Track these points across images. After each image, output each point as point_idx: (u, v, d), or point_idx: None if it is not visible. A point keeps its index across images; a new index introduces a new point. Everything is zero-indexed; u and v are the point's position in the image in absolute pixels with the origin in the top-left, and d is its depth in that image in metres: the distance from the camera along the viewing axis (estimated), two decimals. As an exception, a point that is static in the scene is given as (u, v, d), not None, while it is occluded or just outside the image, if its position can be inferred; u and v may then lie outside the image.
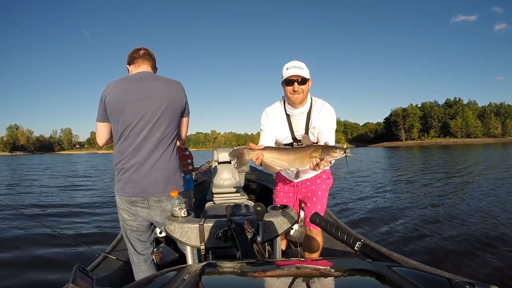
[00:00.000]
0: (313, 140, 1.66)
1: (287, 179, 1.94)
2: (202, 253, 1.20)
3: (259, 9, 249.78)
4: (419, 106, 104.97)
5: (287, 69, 1.57)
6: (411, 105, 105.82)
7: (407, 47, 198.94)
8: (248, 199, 3.38)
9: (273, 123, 1.72)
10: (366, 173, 12.56)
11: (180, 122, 1.59)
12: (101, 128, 1.55)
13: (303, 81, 1.56)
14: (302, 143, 1.47)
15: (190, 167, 3.77)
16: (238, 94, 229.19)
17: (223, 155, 4.43)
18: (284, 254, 2.50)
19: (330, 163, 1.24)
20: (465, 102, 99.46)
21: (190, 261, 1.29)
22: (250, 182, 4.89)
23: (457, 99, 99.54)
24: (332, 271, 0.64)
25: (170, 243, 2.65)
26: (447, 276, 0.96)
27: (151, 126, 1.45)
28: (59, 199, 7.63)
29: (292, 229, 2.62)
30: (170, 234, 1.24)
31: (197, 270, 0.61)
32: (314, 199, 1.84)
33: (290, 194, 1.95)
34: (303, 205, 1.92)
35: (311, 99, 1.70)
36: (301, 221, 2.38)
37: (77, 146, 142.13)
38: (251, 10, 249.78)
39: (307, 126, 1.68)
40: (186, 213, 1.28)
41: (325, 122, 1.64)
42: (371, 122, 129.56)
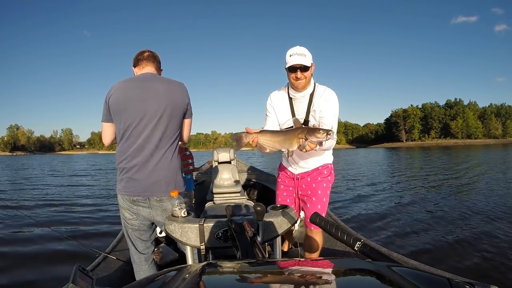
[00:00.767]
0: (315, 124, 1.68)
1: (288, 171, 1.93)
2: (202, 253, 1.20)
3: (260, 9, 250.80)
4: (420, 107, 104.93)
5: (290, 55, 1.60)
6: (412, 106, 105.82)
7: (408, 48, 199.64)
8: (248, 199, 3.39)
9: (276, 107, 1.77)
10: (367, 173, 12.55)
11: (182, 123, 1.59)
12: (106, 128, 1.57)
13: (306, 68, 1.60)
14: (293, 126, 1.54)
15: (191, 167, 3.78)
16: (239, 94, 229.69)
17: (223, 155, 4.42)
18: (284, 254, 2.50)
19: (318, 145, 1.29)
20: (465, 103, 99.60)
21: (190, 261, 1.29)
22: (250, 182, 4.89)
23: (457, 100, 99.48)
24: (332, 271, 0.64)
25: (170, 243, 2.65)
26: (447, 276, 0.95)
27: (153, 127, 1.46)
28: (60, 199, 7.62)
29: (293, 229, 2.62)
30: (170, 234, 1.24)
31: (197, 270, 0.61)
32: (314, 199, 1.84)
33: (290, 188, 1.95)
34: (303, 204, 1.92)
35: (315, 84, 1.73)
36: (301, 221, 2.38)
37: (77, 147, 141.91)
38: (252, 11, 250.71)
39: (309, 109, 1.70)
40: (186, 213, 1.28)
41: (326, 106, 1.66)
42: (372, 123, 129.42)
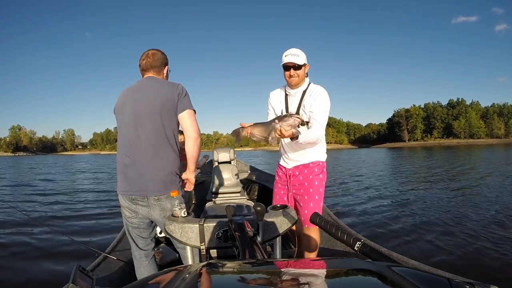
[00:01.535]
0: (305, 119, 1.85)
1: (282, 167, 2.05)
2: (202, 253, 1.20)
3: (260, 10, 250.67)
4: (422, 106, 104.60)
5: (285, 56, 1.80)
6: (414, 105, 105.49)
7: (409, 48, 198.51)
8: (248, 199, 3.39)
9: (273, 103, 2.00)
10: (367, 173, 12.53)
11: (176, 120, 1.57)
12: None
13: (298, 67, 1.79)
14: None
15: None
16: (240, 95, 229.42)
17: (223, 155, 4.42)
18: (284, 254, 2.50)
19: (290, 127, 1.44)
20: (468, 102, 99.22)
21: (190, 261, 1.29)
22: (250, 182, 4.88)
23: (460, 100, 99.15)
24: (332, 271, 0.64)
25: (170, 243, 2.65)
26: (447, 276, 0.95)
27: (143, 125, 1.51)
28: (60, 199, 7.64)
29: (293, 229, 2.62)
30: (170, 234, 1.24)
31: (197, 270, 0.61)
32: (306, 197, 1.92)
33: (286, 187, 2.02)
34: (297, 203, 1.98)
35: (309, 83, 1.91)
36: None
37: (79, 147, 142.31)
38: (253, 11, 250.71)
39: (300, 104, 1.87)
40: (186, 213, 1.29)
41: (316, 102, 1.82)
42: (374, 123, 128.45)
